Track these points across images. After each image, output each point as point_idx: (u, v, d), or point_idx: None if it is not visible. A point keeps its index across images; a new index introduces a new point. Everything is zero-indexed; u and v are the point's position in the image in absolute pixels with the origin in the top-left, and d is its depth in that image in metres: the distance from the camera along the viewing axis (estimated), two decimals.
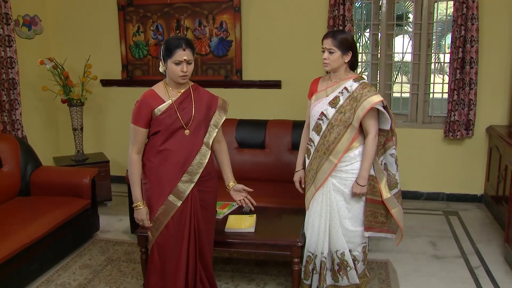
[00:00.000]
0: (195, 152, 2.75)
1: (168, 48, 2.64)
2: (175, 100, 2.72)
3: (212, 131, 2.83)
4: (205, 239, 2.87)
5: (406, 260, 3.82)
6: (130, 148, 2.76)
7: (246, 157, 4.47)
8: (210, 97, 2.87)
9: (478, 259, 3.82)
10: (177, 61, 2.63)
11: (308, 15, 4.99)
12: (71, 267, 3.73)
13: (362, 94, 2.92)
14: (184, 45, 2.61)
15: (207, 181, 2.84)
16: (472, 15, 4.49)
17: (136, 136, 2.73)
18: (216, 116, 2.85)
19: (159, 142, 2.72)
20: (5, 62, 4.60)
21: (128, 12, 5.33)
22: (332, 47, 2.92)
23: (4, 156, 3.98)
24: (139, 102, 2.73)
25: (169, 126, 2.69)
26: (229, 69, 5.23)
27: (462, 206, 4.97)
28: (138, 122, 2.71)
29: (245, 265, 3.72)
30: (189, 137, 2.73)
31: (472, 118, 4.75)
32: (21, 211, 3.73)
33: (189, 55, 2.65)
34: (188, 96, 2.77)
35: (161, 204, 2.72)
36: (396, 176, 3.16)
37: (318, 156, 3.06)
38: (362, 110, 2.89)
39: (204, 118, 2.78)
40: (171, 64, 2.65)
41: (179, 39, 2.65)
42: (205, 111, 2.79)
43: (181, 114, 2.71)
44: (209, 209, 2.91)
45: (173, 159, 2.72)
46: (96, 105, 5.60)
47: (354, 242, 3.10)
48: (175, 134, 2.71)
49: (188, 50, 2.63)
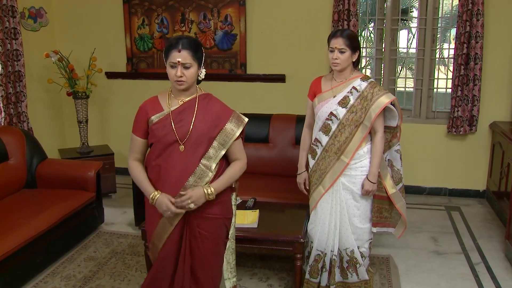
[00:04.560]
0: (189, 172, 2.35)
1: (166, 47, 2.35)
2: (173, 110, 2.38)
3: (218, 151, 2.39)
4: (204, 276, 2.46)
5: (407, 255, 3.85)
6: (128, 155, 2.52)
7: (250, 151, 4.46)
8: (222, 111, 2.44)
9: (479, 256, 3.85)
10: (172, 63, 2.30)
11: (313, 9, 4.98)
12: (76, 260, 3.78)
13: (373, 93, 2.94)
14: (180, 45, 2.28)
15: (210, 208, 2.41)
16: (477, 11, 4.47)
17: (133, 144, 2.48)
18: (224, 134, 2.40)
19: (153, 156, 2.40)
20: (11, 54, 4.62)
21: (133, 5, 5.34)
22: (344, 46, 2.91)
23: (10, 149, 4.01)
24: (139, 108, 2.46)
25: (161, 138, 2.35)
26: (234, 63, 5.24)
27: (464, 202, 4.99)
28: (134, 130, 2.46)
29: (247, 259, 3.75)
30: (184, 154, 2.35)
31: (476, 114, 4.75)
32: (27, 204, 3.79)
33: (186, 58, 2.28)
34: (190, 107, 2.39)
35: (155, 227, 2.43)
36: (401, 171, 3.24)
37: (327, 156, 3.06)
38: (375, 111, 2.91)
39: (205, 134, 2.36)
40: (167, 66, 2.34)
41: (179, 39, 2.32)
42: (209, 126, 2.38)
43: (177, 127, 2.34)
44: (212, 239, 2.46)
45: (165, 178, 2.37)
46: (101, 97, 5.63)
47: (362, 239, 3.15)
48: (168, 149, 2.36)
49: (185, 52, 2.28)
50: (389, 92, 3.04)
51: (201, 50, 2.37)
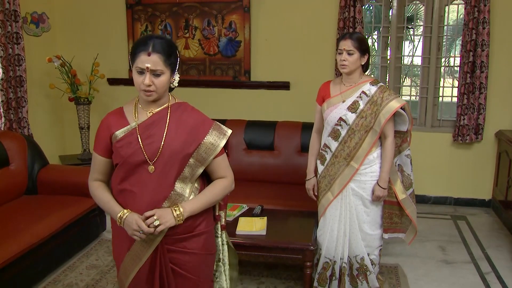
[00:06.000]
0: (162, 197, 1.95)
1: (133, 47, 1.93)
2: (140, 124, 1.96)
3: (195, 169, 2.01)
4: None
5: (415, 264, 3.79)
6: (89, 176, 2.11)
7: (255, 158, 4.45)
8: (199, 122, 2.02)
9: (489, 265, 3.79)
10: (139, 68, 1.87)
11: (318, 16, 4.96)
12: (78, 267, 3.69)
13: (383, 98, 2.90)
14: (150, 48, 1.85)
15: (187, 240, 2.02)
16: (483, 19, 4.46)
17: (94, 164, 2.07)
18: (203, 149, 1.99)
19: (118, 179, 1.99)
20: (12, 59, 4.56)
21: (137, 10, 5.30)
22: (352, 48, 2.88)
23: (11, 154, 3.92)
24: (100, 122, 2.05)
25: (127, 158, 1.94)
26: (238, 70, 5.19)
27: (470, 211, 4.94)
28: (95, 147, 2.05)
29: (253, 268, 3.67)
30: (155, 176, 1.94)
31: (482, 123, 4.72)
32: (28, 210, 3.69)
33: (156, 63, 1.86)
34: (160, 119, 1.97)
35: (122, 258, 2.06)
36: (411, 176, 3.21)
37: (337, 162, 3.02)
38: (385, 116, 2.87)
39: (180, 151, 1.95)
40: (133, 71, 1.91)
41: (148, 39, 1.89)
42: (184, 140, 1.96)
43: (145, 144, 1.94)
44: (191, 280, 2.06)
45: (133, 205, 1.95)
46: (102, 104, 5.55)
47: (372, 246, 3.10)
48: (136, 171, 1.95)
49: (156, 56, 1.86)
50: (399, 96, 3.00)
51: (176, 53, 1.96)
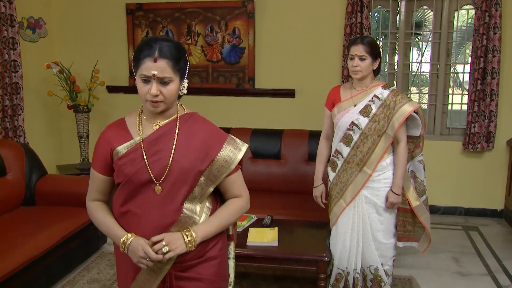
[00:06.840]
0: (170, 221, 1.73)
1: (135, 51, 1.70)
2: (145, 138, 1.75)
3: (205, 188, 1.79)
4: None
5: (429, 277, 3.64)
6: (87, 195, 1.89)
7: (261, 167, 4.32)
8: (212, 136, 1.80)
9: (507, 277, 3.65)
10: (144, 76, 1.66)
11: (324, 22, 4.85)
12: (78, 282, 3.51)
13: (396, 101, 2.82)
14: (157, 52, 1.63)
15: (197, 266, 1.81)
16: (495, 24, 4.37)
17: (93, 182, 1.86)
18: (216, 166, 1.78)
19: (120, 201, 1.78)
20: (8, 65, 4.39)
21: (137, 16, 5.16)
22: (364, 53, 2.81)
23: (8, 163, 3.76)
24: (99, 136, 1.83)
25: (131, 177, 1.72)
26: (241, 77, 5.06)
27: (481, 221, 4.81)
28: (94, 164, 1.83)
29: (262, 281, 3.52)
30: (162, 197, 1.72)
31: (493, 130, 4.61)
32: (26, 222, 3.51)
33: (164, 70, 1.64)
34: (168, 132, 1.76)
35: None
36: (425, 183, 3.12)
37: (349, 168, 2.92)
38: (398, 120, 2.79)
39: (190, 169, 1.73)
40: (137, 79, 1.70)
41: (154, 42, 1.66)
42: (195, 157, 1.74)
43: (150, 161, 1.72)
44: None
45: (137, 229, 1.74)
46: (101, 112, 5.38)
47: (386, 255, 2.98)
48: (141, 191, 1.74)
49: (163, 61, 1.64)
50: (412, 100, 2.91)
51: (185, 57, 1.73)
